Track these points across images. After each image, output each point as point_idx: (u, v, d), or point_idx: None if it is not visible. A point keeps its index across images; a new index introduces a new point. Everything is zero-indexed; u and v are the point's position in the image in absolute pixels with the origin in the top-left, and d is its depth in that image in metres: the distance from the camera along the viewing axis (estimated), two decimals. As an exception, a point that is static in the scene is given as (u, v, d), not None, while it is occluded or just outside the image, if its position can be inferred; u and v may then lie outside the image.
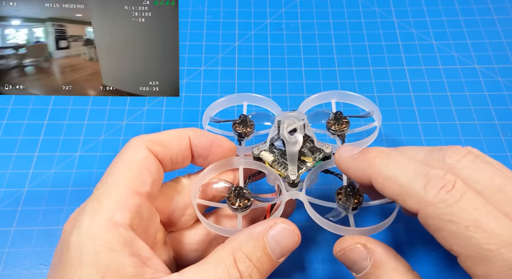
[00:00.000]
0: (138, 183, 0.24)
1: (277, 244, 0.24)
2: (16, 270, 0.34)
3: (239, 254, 0.23)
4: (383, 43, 0.49)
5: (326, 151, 0.30)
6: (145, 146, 0.26)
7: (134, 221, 0.23)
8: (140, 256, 0.22)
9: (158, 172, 0.26)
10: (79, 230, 0.22)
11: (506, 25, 0.50)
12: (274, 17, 0.51)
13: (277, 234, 0.24)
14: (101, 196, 0.24)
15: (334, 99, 0.34)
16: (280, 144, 0.30)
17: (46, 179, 0.39)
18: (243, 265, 0.23)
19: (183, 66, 0.47)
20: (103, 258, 0.21)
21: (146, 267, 0.22)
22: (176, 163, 0.28)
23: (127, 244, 0.22)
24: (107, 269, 0.21)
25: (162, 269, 0.23)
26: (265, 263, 0.24)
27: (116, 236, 0.22)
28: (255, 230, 0.24)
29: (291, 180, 0.29)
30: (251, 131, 0.32)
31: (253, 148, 0.30)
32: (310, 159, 0.30)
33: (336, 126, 0.31)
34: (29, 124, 0.42)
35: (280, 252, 0.24)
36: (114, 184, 0.24)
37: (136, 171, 0.25)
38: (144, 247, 0.23)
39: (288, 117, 0.29)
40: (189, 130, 0.28)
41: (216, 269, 0.22)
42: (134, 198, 0.24)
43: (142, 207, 0.24)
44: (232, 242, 0.24)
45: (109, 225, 0.22)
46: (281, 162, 0.30)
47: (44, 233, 0.36)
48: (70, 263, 0.22)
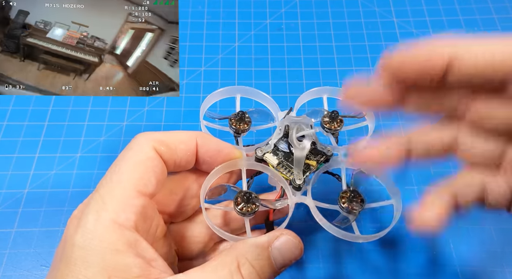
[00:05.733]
0: (143, 184, 0.24)
1: (280, 255, 0.25)
2: (17, 271, 0.34)
3: (243, 260, 0.24)
4: (383, 43, 0.49)
5: (327, 153, 0.30)
6: (152, 145, 0.26)
7: (139, 223, 0.23)
8: (145, 257, 0.22)
9: (163, 172, 0.26)
10: (83, 230, 0.22)
11: (506, 25, 0.50)
12: (274, 18, 0.51)
13: (281, 245, 0.25)
14: (105, 195, 0.24)
15: (326, 95, 0.34)
16: (284, 147, 0.30)
17: (46, 180, 0.39)
18: (246, 271, 0.23)
19: (183, 67, 0.47)
20: (109, 259, 0.21)
21: (151, 267, 0.22)
22: (179, 166, 0.28)
23: (132, 245, 0.22)
24: (113, 269, 0.21)
25: (166, 270, 0.23)
26: (267, 272, 0.24)
27: (121, 237, 0.22)
28: (261, 239, 0.25)
29: (297, 184, 0.29)
30: (247, 128, 0.32)
31: (256, 148, 0.30)
32: (313, 163, 0.30)
33: (330, 125, 0.32)
34: (29, 125, 0.42)
35: (282, 263, 0.25)
36: (118, 183, 0.24)
37: (141, 171, 0.25)
38: (148, 248, 0.23)
39: (296, 123, 0.29)
40: (198, 136, 0.28)
41: (220, 273, 0.23)
42: (139, 199, 0.24)
43: (146, 208, 0.24)
44: (238, 248, 0.24)
45: (114, 226, 0.22)
46: (286, 164, 0.30)
47: (45, 234, 0.36)
48: (74, 262, 0.22)
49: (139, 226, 0.23)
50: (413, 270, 0.34)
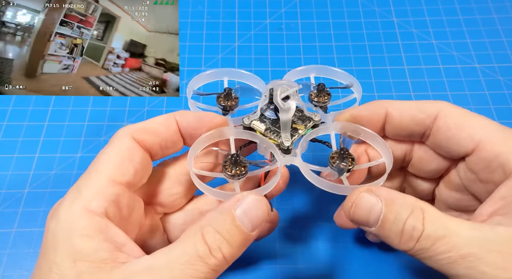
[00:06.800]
0: (119, 173, 0.25)
1: (246, 215, 0.24)
2: (17, 271, 0.34)
3: (207, 228, 0.23)
4: (383, 43, 0.49)
5: (315, 118, 0.31)
6: (130, 136, 0.26)
7: (110, 209, 0.24)
8: (115, 242, 0.23)
9: (143, 161, 0.26)
10: (57, 218, 0.23)
11: (506, 24, 0.50)
12: (273, 17, 0.51)
13: (245, 205, 0.24)
14: (81, 185, 0.25)
15: (313, 73, 0.34)
16: (270, 113, 0.31)
17: (46, 180, 0.39)
18: (211, 238, 0.23)
19: (183, 67, 0.47)
20: (77, 244, 0.22)
21: (119, 252, 0.23)
22: (166, 148, 0.28)
23: (101, 231, 0.23)
24: (79, 253, 0.22)
25: (137, 254, 0.23)
26: (235, 235, 0.23)
27: (90, 223, 0.23)
28: (223, 205, 0.24)
29: (285, 146, 0.29)
30: (235, 105, 0.32)
31: (243, 118, 0.30)
32: (301, 127, 0.30)
33: (318, 98, 0.32)
34: (29, 125, 0.42)
35: (250, 224, 0.24)
36: (95, 173, 0.25)
37: (118, 161, 0.25)
38: (119, 233, 0.23)
39: (280, 85, 0.29)
40: (176, 114, 0.28)
41: (184, 247, 0.23)
42: (112, 187, 0.24)
43: (121, 196, 0.25)
44: (201, 219, 0.24)
45: (85, 213, 0.23)
46: (274, 130, 0.30)
47: (45, 234, 0.36)
48: (47, 249, 0.23)
49: (111, 212, 0.24)
50: (413, 270, 0.34)
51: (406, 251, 0.24)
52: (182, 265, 0.22)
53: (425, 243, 0.23)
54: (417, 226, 0.23)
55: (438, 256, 0.23)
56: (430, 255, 0.23)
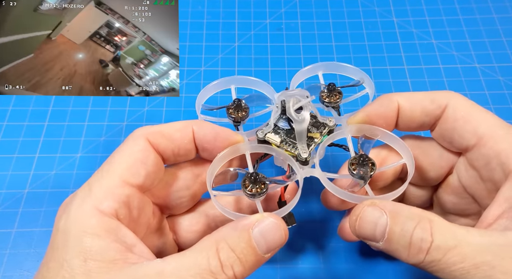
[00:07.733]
0: (130, 174, 0.25)
1: (262, 237, 0.23)
2: (17, 272, 0.34)
3: (222, 244, 0.23)
4: (383, 43, 0.49)
5: (329, 124, 0.30)
6: (145, 138, 0.26)
7: (121, 211, 0.24)
8: (125, 243, 0.23)
9: (156, 164, 0.26)
10: (67, 216, 0.23)
11: (506, 24, 0.50)
12: (273, 17, 0.51)
13: (263, 227, 0.24)
14: (93, 183, 0.25)
15: (321, 71, 0.34)
16: (284, 124, 0.30)
17: (47, 180, 0.39)
18: (225, 255, 0.22)
19: (183, 67, 0.47)
20: (87, 242, 0.22)
21: (129, 253, 0.23)
22: (178, 155, 0.28)
23: (111, 231, 0.23)
24: (90, 252, 0.22)
25: (147, 256, 0.23)
26: (249, 256, 0.23)
27: (100, 223, 0.23)
28: (241, 222, 0.24)
29: (303, 158, 0.28)
30: (246, 115, 0.31)
31: (256, 131, 0.30)
32: (317, 135, 0.29)
33: (329, 98, 0.31)
34: (29, 126, 0.42)
35: (266, 246, 0.24)
36: (107, 173, 0.25)
37: (131, 163, 0.25)
38: (129, 234, 0.23)
39: (292, 96, 0.29)
40: (194, 123, 0.28)
41: (197, 257, 0.22)
42: (123, 188, 0.25)
43: (132, 198, 0.25)
44: (218, 232, 0.24)
45: (95, 212, 0.23)
46: (289, 141, 0.29)
47: (45, 234, 0.36)
48: (57, 246, 0.23)
49: (121, 214, 0.24)
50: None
51: (417, 265, 0.23)
52: (192, 276, 0.22)
53: (435, 254, 0.22)
54: (425, 237, 0.22)
55: (451, 268, 0.22)
56: (442, 267, 0.22)
